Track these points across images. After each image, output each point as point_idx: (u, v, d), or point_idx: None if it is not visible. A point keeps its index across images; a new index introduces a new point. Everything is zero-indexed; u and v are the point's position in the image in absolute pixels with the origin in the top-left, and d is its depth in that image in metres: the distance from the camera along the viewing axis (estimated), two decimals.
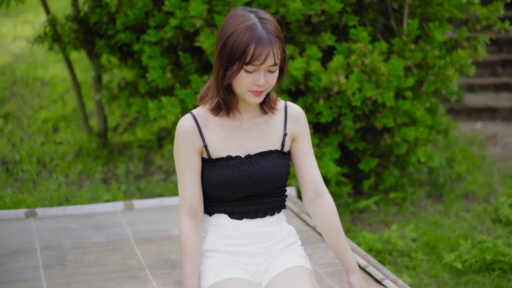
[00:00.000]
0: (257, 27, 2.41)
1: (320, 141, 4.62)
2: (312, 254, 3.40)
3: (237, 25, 2.43)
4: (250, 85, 2.43)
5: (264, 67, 2.42)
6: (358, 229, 4.64)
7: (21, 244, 3.46)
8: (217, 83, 2.48)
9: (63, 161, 5.56)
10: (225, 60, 2.44)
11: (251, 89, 2.44)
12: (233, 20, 2.46)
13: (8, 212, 3.80)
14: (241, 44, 2.39)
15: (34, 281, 3.06)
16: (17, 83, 7.27)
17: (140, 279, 3.10)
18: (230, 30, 2.44)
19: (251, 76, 2.42)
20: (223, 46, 2.44)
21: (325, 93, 4.43)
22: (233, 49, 2.41)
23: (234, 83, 2.46)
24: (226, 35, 2.44)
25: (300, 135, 2.66)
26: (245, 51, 2.39)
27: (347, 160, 5.00)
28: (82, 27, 5.22)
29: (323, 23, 4.50)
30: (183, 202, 2.58)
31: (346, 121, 4.44)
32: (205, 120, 2.56)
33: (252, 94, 2.45)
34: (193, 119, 2.55)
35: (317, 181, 2.70)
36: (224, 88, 2.48)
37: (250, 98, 2.47)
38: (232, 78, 2.44)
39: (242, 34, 2.41)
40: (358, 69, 4.34)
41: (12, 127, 6.24)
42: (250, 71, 2.42)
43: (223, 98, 2.51)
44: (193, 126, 2.54)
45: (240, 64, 2.40)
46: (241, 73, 2.42)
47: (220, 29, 2.50)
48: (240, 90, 2.46)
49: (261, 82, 2.43)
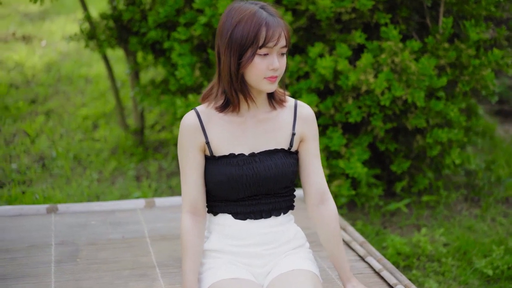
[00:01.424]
0: (262, 12, 2.42)
1: (349, 142, 4.53)
2: (326, 257, 3.31)
3: (241, 14, 2.42)
4: (265, 71, 2.41)
5: (277, 48, 2.42)
6: (388, 232, 4.53)
7: (37, 239, 3.48)
8: (230, 77, 2.44)
9: (98, 158, 5.60)
10: (236, 50, 2.41)
11: (267, 75, 2.42)
12: (234, 12, 2.45)
13: (30, 207, 3.83)
14: (252, 29, 2.38)
15: (43, 277, 3.07)
16: (62, 80, 7.36)
17: (149, 278, 3.09)
18: (235, 21, 2.42)
19: (266, 60, 2.41)
20: (231, 37, 2.41)
21: (354, 92, 4.34)
22: (243, 36, 2.39)
23: (248, 73, 2.43)
24: (232, 26, 2.42)
25: (309, 136, 2.61)
26: (257, 35, 2.38)
27: (380, 162, 4.89)
28: (117, 24, 5.24)
29: (354, 21, 4.41)
30: (185, 199, 2.55)
31: (376, 121, 4.34)
32: (208, 117, 2.52)
33: (268, 80, 2.43)
34: (196, 115, 2.52)
35: (322, 185, 2.64)
36: (241, 80, 2.44)
37: (266, 85, 2.44)
38: (247, 66, 2.40)
39: (250, 20, 2.40)
40: (388, 68, 4.23)
41: (53, 124, 6.32)
42: (264, 56, 2.40)
43: (239, 90, 2.45)
44: (195, 122, 2.51)
45: (253, 49, 2.39)
46: (255, 60, 2.40)
47: (221, 25, 2.47)
48: (256, 79, 2.43)
49: (276, 65, 2.41)
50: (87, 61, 7.90)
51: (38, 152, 5.74)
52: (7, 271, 3.12)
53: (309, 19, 4.47)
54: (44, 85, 7.15)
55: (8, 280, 3.03)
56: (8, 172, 5.31)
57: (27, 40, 8.43)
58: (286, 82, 4.46)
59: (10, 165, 5.45)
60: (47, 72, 7.55)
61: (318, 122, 4.45)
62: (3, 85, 7.04)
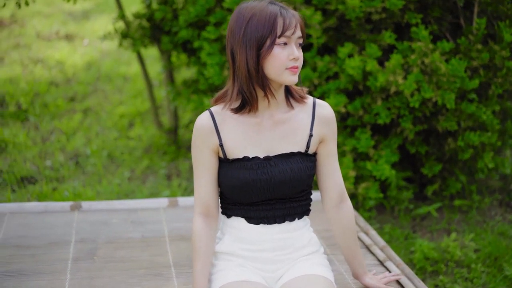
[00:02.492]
0: (273, 5, 2.39)
1: (378, 143, 4.45)
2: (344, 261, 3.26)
3: (253, 9, 2.39)
4: (286, 61, 2.37)
5: (294, 38, 2.38)
6: (418, 236, 4.44)
7: (58, 236, 3.51)
8: (248, 73, 2.38)
9: (131, 156, 5.64)
10: (253, 43, 2.36)
11: (288, 65, 2.37)
12: (243, 10, 2.41)
13: (55, 204, 3.87)
14: (267, 20, 2.35)
15: (59, 274, 3.09)
16: (101, 79, 7.44)
17: (164, 277, 3.08)
18: (247, 17, 2.38)
19: (285, 50, 2.37)
20: (245, 33, 2.37)
21: (383, 93, 4.26)
22: (259, 28, 2.35)
23: (268, 66, 2.37)
24: (244, 22, 2.38)
25: (328, 137, 2.55)
26: (274, 24, 2.35)
27: (412, 164, 4.80)
28: (150, 24, 5.27)
29: (385, 21, 4.34)
30: (197, 201, 2.52)
31: (405, 123, 4.26)
32: (223, 118, 2.46)
33: (290, 71, 2.38)
34: (211, 116, 2.46)
35: (340, 185, 2.60)
36: (261, 72, 2.38)
37: (288, 76, 2.38)
38: (267, 56, 2.35)
39: (264, 12, 2.37)
40: (418, 69, 4.15)
41: (89, 122, 6.39)
42: (283, 45, 2.36)
43: (259, 84, 2.39)
44: (209, 123, 2.45)
45: (272, 38, 2.35)
46: (275, 51, 2.35)
47: (232, 25, 2.42)
48: (277, 71, 2.37)
49: (297, 54, 2.37)
50: (127, 60, 7.97)
51: (73, 149, 5.81)
52: (24, 267, 3.15)
53: (339, 19, 4.42)
54: (84, 84, 7.24)
55: (24, 276, 3.06)
56: (41, 169, 5.38)
57: (70, 39, 8.55)
58: (315, 83, 4.42)
59: (44, 162, 5.52)
60: (88, 70, 7.64)
61: (346, 123, 4.39)
62: (44, 83, 7.15)
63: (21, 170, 5.31)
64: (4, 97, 6.83)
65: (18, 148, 5.76)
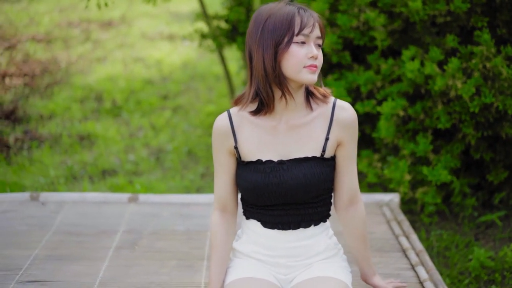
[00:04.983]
0: (291, 5, 2.39)
1: (440, 148, 4.38)
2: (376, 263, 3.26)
3: (271, 10, 2.40)
4: (304, 59, 2.35)
5: (313, 37, 2.37)
6: (479, 244, 4.34)
7: (108, 226, 3.70)
8: (265, 72, 2.37)
9: (208, 153, 5.80)
10: (270, 40, 2.35)
11: (306, 63, 2.35)
12: (262, 11, 2.42)
13: (113, 195, 4.08)
14: (285, 18, 2.35)
15: (98, 261, 3.27)
16: (195, 78, 7.68)
17: (193, 269, 3.19)
18: (265, 17, 2.38)
19: (304, 48, 2.35)
20: (262, 32, 2.37)
21: (444, 98, 4.20)
22: (277, 27, 2.35)
23: (286, 64, 2.36)
24: (262, 22, 2.38)
25: (347, 140, 2.49)
26: (292, 22, 2.34)
27: (480, 171, 4.68)
28: (228, 24, 5.41)
29: (450, 24, 4.27)
30: (215, 197, 2.57)
31: (466, 128, 4.17)
32: (240, 120, 2.46)
33: (308, 70, 2.35)
34: (228, 118, 2.47)
35: (354, 187, 2.55)
36: (278, 71, 2.36)
37: (306, 75, 2.36)
38: (284, 54, 2.34)
39: (282, 11, 2.37)
40: (478, 74, 4.06)
41: (177, 119, 6.61)
42: (301, 44, 2.36)
43: (277, 83, 2.37)
44: (226, 125, 2.46)
45: (290, 36, 2.34)
46: (292, 48, 2.34)
47: (251, 26, 2.43)
48: (295, 69, 2.35)
49: (315, 52, 2.35)
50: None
51: (156, 145, 6.04)
52: (68, 253, 3.36)
53: (404, 22, 4.39)
54: (178, 82, 7.50)
55: (65, 260, 3.26)
56: (123, 162, 5.64)
57: (172, 39, 8.85)
58: (378, 85, 4.41)
59: (128, 156, 5.78)
60: (183, 69, 7.90)
61: (407, 126, 4.34)
62: (140, 81, 7.46)
63: (104, 163, 5.59)
64: (102, 94, 7.20)
65: (107, 142, 6.05)
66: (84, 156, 5.73)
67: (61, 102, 6.97)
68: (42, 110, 6.76)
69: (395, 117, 4.29)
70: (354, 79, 4.45)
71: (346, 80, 4.47)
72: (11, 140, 5.97)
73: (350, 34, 4.42)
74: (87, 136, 6.20)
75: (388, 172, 4.23)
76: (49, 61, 8.15)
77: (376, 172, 4.43)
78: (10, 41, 8.66)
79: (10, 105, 6.75)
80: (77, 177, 5.32)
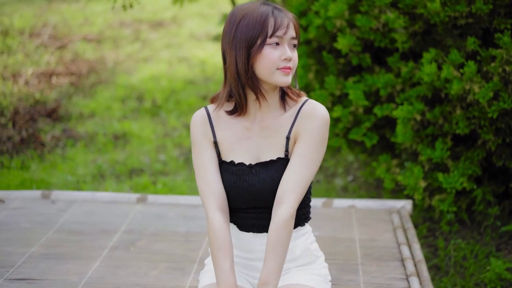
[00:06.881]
0: (266, 5, 2.34)
1: (459, 154, 4.23)
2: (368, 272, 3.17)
3: (245, 10, 2.35)
4: (278, 61, 2.29)
5: (287, 38, 2.31)
6: (501, 255, 4.17)
7: (110, 225, 3.72)
8: (237, 74, 2.31)
9: None
10: (243, 42, 2.30)
11: (280, 65, 2.29)
12: (236, 11, 2.37)
13: (123, 195, 4.10)
14: (259, 19, 2.30)
15: (91, 260, 3.28)
16: None
17: (183, 272, 3.18)
18: (239, 18, 2.33)
19: (277, 50, 2.30)
20: (235, 33, 2.31)
21: (463, 102, 4.05)
22: (249, 28, 2.30)
23: (259, 66, 2.30)
24: (236, 23, 2.33)
25: (301, 134, 2.35)
26: (265, 24, 2.29)
27: (507, 179, 4.50)
28: None
29: (472, 26, 4.11)
30: (209, 196, 2.40)
31: (486, 134, 4.01)
32: (217, 118, 2.42)
33: (282, 72, 2.29)
34: (207, 114, 2.43)
35: (285, 189, 2.34)
36: (251, 74, 2.31)
37: (280, 77, 2.30)
38: (257, 56, 2.29)
39: (256, 11, 2.32)
40: (497, 78, 3.90)
41: None
42: (275, 46, 2.30)
43: (249, 85, 2.31)
44: (205, 117, 2.42)
45: (263, 38, 2.28)
46: (265, 51, 2.29)
47: (225, 26, 2.38)
48: (268, 72, 2.30)
49: (289, 54, 2.29)
50: None
51: (188, 145, 6.05)
52: (64, 251, 3.39)
53: (426, 24, 4.25)
54: (219, 83, 7.50)
55: (57, 259, 3.29)
56: (152, 162, 5.67)
57: (217, 39, 8.86)
58: (397, 88, 4.29)
59: (158, 156, 5.81)
60: None
61: (426, 131, 4.20)
62: (182, 81, 7.50)
63: (133, 162, 5.63)
64: (144, 93, 7.26)
65: (141, 141, 6.10)
66: (116, 155, 5.79)
67: (103, 101, 7.06)
68: (83, 109, 6.87)
69: (412, 121, 4.17)
70: (373, 82, 4.34)
71: (365, 83, 4.37)
72: (48, 138, 6.09)
73: (370, 36, 4.31)
74: (122, 135, 6.26)
75: (402, 178, 4.11)
76: (97, 60, 8.29)
77: (394, 177, 4.32)
78: (63, 41, 8.85)
79: (53, 104, 6.89)
80: (104, 176, 5.37)
